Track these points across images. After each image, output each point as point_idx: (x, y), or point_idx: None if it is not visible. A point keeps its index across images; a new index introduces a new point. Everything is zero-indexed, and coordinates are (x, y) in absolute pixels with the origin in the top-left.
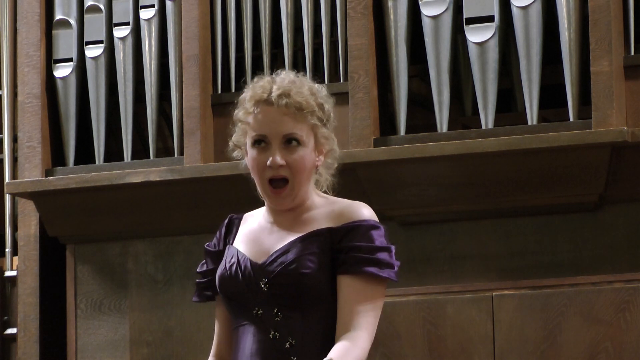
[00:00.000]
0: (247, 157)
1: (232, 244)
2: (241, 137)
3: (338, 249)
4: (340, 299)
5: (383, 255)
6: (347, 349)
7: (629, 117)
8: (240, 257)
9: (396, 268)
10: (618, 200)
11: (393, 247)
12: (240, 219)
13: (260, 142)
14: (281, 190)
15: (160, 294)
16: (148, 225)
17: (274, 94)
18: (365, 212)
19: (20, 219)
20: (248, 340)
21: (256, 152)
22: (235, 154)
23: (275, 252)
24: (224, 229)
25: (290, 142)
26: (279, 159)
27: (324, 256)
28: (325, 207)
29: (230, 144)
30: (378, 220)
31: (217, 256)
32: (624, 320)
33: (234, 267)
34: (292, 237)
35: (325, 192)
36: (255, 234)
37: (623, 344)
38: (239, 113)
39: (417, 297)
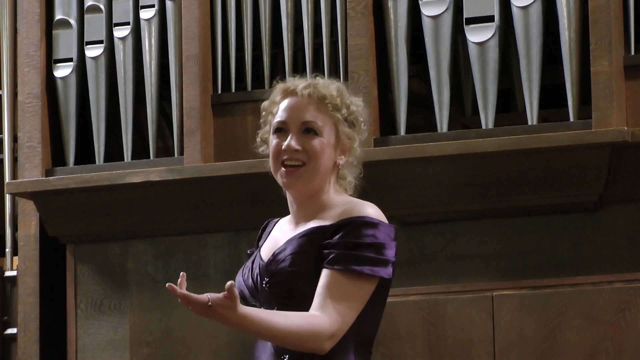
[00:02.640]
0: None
1: (260, 247)
2: (267, 132)
3: (325, 245)
4: (317, 290)
5: (367, 252)
6: (288, 315)
7: (629, 117)
8: (255, 259)
9: (384, 265)
10: (618, 200)
11: (388, 244)
12: (275, 223)
13: (280, 129)
14: (294, 170)
15: (160, 294)
16: (148, 225)
17: (300, 86)
18: (369, 210)
19: (20, 219)
20: (258, 339)
21: (275, 139)
22: (262, 149)
23: (275, 250)
24: (259, 233)
25: (308, 131)
26: (295, 144)
27: (316, 254)
28: (338, 207)
29: (257, 139)
30: (383, 220)
31: None
32: (624, 320)
33: (247, 270)
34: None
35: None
36: (276, 236)
37: (623, 344)
38: (265, 103)
39: (417, 297)
